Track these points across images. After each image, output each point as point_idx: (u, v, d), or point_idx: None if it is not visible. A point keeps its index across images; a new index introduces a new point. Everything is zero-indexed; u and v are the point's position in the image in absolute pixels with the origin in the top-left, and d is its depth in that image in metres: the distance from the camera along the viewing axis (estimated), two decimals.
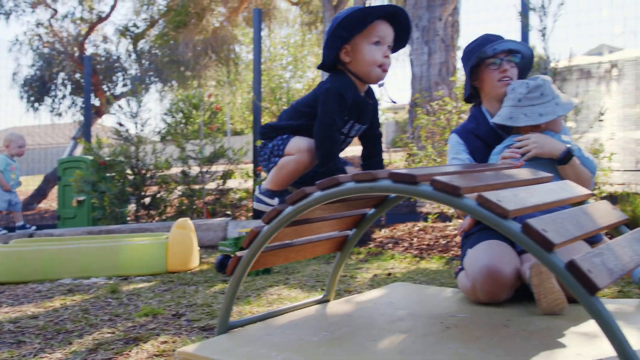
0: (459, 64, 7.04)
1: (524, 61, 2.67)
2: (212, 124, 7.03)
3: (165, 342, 2.30)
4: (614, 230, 1.87)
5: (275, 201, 2.39)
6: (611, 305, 2.21)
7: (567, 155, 2.40)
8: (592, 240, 2.29)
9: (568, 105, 2.44)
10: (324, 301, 2.55)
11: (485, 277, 2.26)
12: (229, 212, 6.76)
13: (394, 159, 10.82)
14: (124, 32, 13.21)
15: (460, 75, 7.07)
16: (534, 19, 5.13)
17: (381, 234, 4.99)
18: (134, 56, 12.68)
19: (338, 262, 2.55)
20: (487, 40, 2.59)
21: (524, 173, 1.98)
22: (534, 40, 6.40)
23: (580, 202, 1.92)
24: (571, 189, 1.92)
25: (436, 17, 7.79)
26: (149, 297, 3.20)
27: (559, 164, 2.42)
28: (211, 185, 7.04)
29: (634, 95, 6.31)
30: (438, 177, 1.59)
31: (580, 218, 1.66)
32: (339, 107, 2.25)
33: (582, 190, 1.93)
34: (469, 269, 2.37)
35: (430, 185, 1.60)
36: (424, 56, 7.71)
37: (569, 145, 2.42)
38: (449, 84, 7.43)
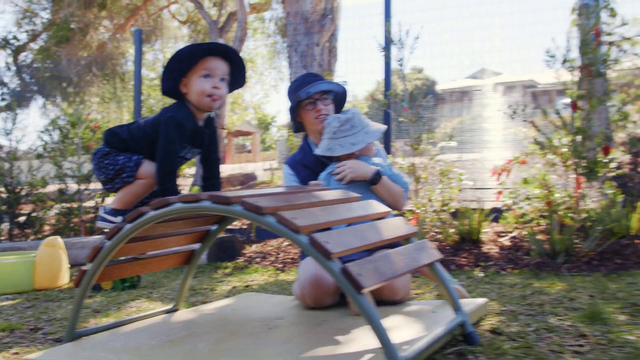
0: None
1: (339, 97, 3.06)
2: (91, 142, 7.06)
3: (16, 353, 2.44)
4: (405, 241, 2.24)
5: (119, 219, 2.59)
6: (415, 306, 2.60)
7: (376, 177, 2.79)
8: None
9: (377, 132, 2.83)
10: (172, 310, 2.79)
11: (311, 284, 2.59)
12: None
13: (278, 177, 11.17)
14: (3, 44, 12.79)
15: None
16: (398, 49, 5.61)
17: (251, 249, 5.27)
18: (14, 69, 12.31)
19: (186, 274, 2.80)
20: (305, 81, 2.96)
21: (334, 194, 2.32)
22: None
23: (379, 218, 2.28)
24: (371, 207, 2.28)
25: (314, 43, 8.23)
26: (9, 314, 3.29)
27: (371, 184, 2.80)
28: (89, 203, 7.05)
29: (480, 119, 7.00)
30: (246, 199, 1.89)
31: (367, 232, 2.01)
32: (178, 135, 2.51)
33: (381, 209, 2.29)
34: (299, 278, 2.70)
35: (240, 205, 1.90)
36: None
37: (378, 168, 2.81)
38: None
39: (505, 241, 4.54)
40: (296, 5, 8.29)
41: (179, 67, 2.55)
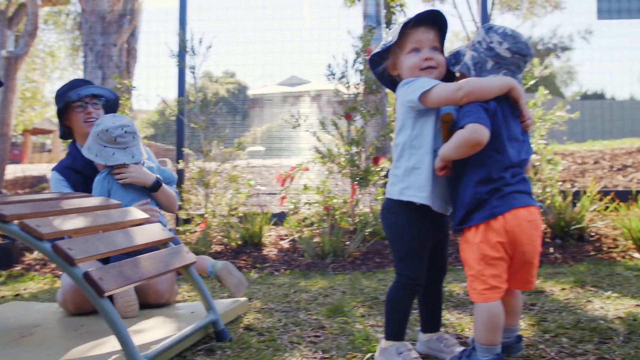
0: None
1: (110, 103, 3.12)
2: None
3: None
4: (162, 246, 2.36)
5: None
6: (179, 308, 2.74)
7: (157, 184, 2.91)
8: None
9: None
10: None
11: (73, 290, 2.61)
12: None
13: None
14: None
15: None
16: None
17: (32, 256, 5.03)
18: None
19: None
20: (74, 85, 2.99)
21: (93, 201, 2.37)
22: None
23: (139, 224, 2.37)
24: (129, 214, 2.37)
25: (111, 43, 8.03)
26: None
27: (151, 191, 2.91)
28: None
29: (286, 126, 7.32)
30: None
31: (118, 238, 2.10)
32: None
33: (138, 215, 2.39)
34: (62, 285, 2.70)
35: None
36: (97, 80, 7.86)
37: (158, 176, 2.92)
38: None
39: (285, 244, 4.84)
40: (92, 3, 8.02)
41: None
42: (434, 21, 2.02)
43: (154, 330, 2.29)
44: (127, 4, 8.27)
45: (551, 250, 4.21)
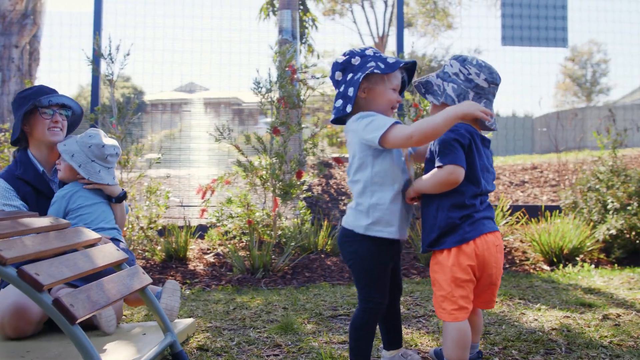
0: None
1: (74, 117, 3.02)
2: None
3: None
4: (117, 267, 2.29)
5: None
6: (127, 329, 2.65)
7: (124, 195, 2.92)
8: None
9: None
10: None
11: (13, 314, 2.46)
12: None
13: None
14: None
15: None
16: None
17: None
18: None
19: None
20: (42, 91, 2.86)
21: (44, 221, 2.26)
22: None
23: (92, 244, 2.29)
24: (83, 235, 2.28)
25: (12, 44, 7.58)
26: None
27: (116, 202, 2.89)
28: None
29: (188, 134, 7.23)
30: None
31: (79, 261, 2.02)
32: None
33: (91, 236, 2.31)
34: None
35: None
36: None
37: (125, 189, 2.89)
38: None
39: (210, 258, 4.79)
40: None
41: None
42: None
43: (114, 355, 2.21)
44: (29, 3, 7.84)
45: None
